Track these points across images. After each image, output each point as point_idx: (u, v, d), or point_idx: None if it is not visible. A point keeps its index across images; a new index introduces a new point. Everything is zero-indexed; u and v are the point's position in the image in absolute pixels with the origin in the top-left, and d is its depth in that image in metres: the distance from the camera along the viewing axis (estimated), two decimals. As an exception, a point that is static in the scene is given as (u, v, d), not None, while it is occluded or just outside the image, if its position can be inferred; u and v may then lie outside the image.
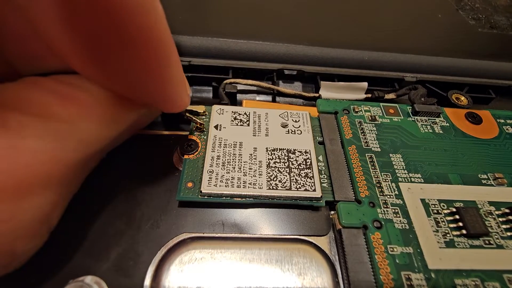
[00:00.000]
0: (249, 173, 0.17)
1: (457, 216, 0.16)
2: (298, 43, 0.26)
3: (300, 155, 0.18)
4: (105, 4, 0.10)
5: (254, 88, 0.25)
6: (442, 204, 0.17)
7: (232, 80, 0.23)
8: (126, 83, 0.14)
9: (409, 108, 0.22)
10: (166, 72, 0.14)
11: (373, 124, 0.21)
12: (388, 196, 0.17)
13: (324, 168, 0.19)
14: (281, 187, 0.17)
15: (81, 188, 0.17)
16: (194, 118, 0.19)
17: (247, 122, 0.20)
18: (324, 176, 0.18)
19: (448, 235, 0.16)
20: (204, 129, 0.19)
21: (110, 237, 0.15)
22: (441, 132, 0.21)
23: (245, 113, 0.20)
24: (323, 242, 0.16)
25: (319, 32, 0.29)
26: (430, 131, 0.21)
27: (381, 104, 0.22)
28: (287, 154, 0.18)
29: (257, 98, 0.25)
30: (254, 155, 0.18)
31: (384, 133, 0.20)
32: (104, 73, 0.13)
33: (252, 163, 0.18)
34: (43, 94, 0.13)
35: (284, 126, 0.20)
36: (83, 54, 0.12)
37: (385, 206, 0.17)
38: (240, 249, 0.16)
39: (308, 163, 0.18)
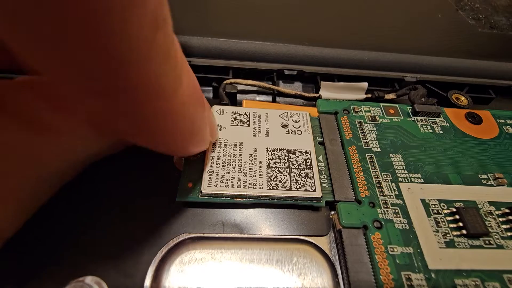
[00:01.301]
0: (249, 173, 0.17)
1: (457, 216, 0.16)
2: (298, 43, 0.26)
3: (300, 155, 0.18)
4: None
5: (254, 88, 0.25)
6: (442, 204, 0.17)
7: (232, 80, 0.23)
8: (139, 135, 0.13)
9: (409, 108, 0.22)
10: (189, 137, 0.13)
11: (373, 124, 0.21)
12: (388, 196, 0.17)
13: (324, 168, 0.19)
14: (281, 187, 0.17)
15: (80, 189, 0.17)
16: None
17: (247, 123, 0.20)
18: (324, 176, 0.18)
19: (448, 235, 0.16)
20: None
21: (110, 237, 0.15)
22: (441, 132, 0.21)
23: (245, 114, 0.20)
24: (323, 242, 0.16)
25: (319, 32, 0.29)
26: (430, 131, 0.21)
27: (381, 104, 0.22)
28: (287, 154, 0.18)
29: (257, 98, 0.25)
30: (254, 156, 0.18)
31: (384, 133, 0.20)
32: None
33: (252, 163, 0.18)
34: (36, 99, 0.12)
35: (284, 126, 0.20)
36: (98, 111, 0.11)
37: (385, 206, 0.17)
38: (241, 249, 0.16)
39: (308, 163, 0.18)
